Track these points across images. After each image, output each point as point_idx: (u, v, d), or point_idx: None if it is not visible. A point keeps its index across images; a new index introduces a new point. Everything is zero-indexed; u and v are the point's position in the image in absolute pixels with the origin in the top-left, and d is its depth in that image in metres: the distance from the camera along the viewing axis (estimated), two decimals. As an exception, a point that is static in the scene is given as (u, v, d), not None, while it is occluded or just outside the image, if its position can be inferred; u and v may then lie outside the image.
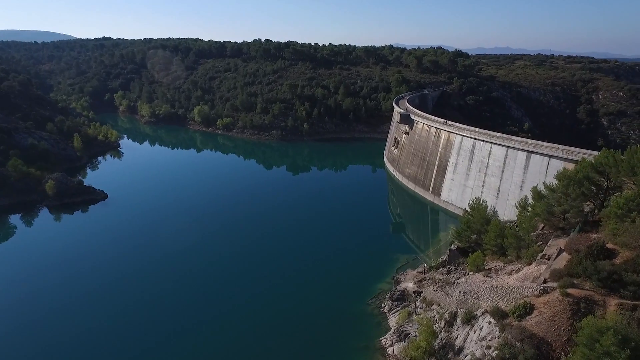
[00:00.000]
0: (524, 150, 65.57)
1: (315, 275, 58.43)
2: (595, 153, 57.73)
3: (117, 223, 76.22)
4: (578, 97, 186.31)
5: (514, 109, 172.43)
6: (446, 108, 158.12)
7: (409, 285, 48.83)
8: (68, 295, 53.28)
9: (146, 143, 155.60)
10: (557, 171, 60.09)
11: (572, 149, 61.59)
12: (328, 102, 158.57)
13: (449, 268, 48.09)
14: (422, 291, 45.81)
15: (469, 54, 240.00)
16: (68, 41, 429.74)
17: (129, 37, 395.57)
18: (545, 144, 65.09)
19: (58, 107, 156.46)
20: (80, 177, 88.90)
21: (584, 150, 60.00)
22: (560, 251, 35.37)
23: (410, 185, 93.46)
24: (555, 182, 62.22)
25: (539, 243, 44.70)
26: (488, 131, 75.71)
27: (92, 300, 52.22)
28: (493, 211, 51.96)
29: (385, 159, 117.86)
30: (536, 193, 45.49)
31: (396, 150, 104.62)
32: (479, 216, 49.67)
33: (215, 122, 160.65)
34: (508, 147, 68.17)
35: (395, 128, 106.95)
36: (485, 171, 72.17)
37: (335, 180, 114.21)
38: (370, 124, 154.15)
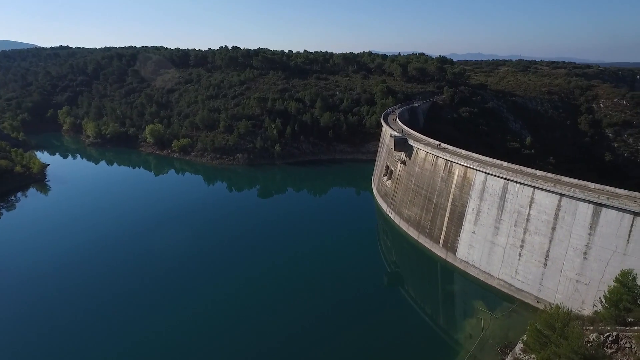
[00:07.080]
0: (588, 202, 44.48)
1: None
2: None
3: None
4: (577, 106, 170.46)
5: (512, 121, 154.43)
6: (439, 122, 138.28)
7: None
8: None
9: (84, 171, 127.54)
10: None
11: (669, 202, 40.92)
12: (303, 117, 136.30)
13: None
14: None
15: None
16: (20, 50, 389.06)
17: (90, 47, 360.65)
18: (621, 191, 44.31)
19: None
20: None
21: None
22: None
23: (412, 232, 71.61)
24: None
25: None
26: (524, 168, 54.62)
27: None
28: (565, 308, 30.19)
29: (374, 191, 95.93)
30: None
31: (390, 182, 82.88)
32: (569, 348, 27.93)
33: (171, 144, 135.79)
34: (561, 195, 46.95)
35: (387, 154, 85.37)
36: (525, 226, 50.91)
37: (314, 212, 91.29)
38: (353, 143, 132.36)
